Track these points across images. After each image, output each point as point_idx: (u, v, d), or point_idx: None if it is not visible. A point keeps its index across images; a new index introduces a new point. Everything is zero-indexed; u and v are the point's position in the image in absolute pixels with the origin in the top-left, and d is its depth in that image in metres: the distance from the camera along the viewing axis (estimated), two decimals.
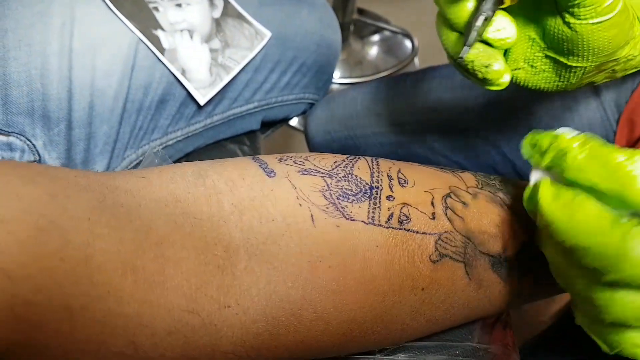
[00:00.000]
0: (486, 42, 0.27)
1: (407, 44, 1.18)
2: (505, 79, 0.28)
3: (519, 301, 0.29)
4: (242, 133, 0.56)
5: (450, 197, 0.26)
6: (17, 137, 0.42)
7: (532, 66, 0.30)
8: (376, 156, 0.60)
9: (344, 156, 0.27)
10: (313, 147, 0.68)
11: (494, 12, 0.25)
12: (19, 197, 0.18)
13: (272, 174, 0.23)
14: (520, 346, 0.51)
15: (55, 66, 0.43)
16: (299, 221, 0.22)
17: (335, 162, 0.26)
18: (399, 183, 0.25)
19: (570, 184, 0.21)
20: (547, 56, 0.29)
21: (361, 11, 1.23)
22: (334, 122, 0.62)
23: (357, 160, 0.26)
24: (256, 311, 0.21)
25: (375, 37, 1.20)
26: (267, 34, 0.51)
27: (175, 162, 0.52)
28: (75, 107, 0.43)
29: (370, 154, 0.61)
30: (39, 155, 0.43)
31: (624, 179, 0.19)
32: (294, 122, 0.99)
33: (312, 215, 0.23)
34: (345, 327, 0.23)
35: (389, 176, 0.25)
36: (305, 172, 0.24)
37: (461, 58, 0.26)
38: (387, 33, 1.21)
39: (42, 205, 0.18)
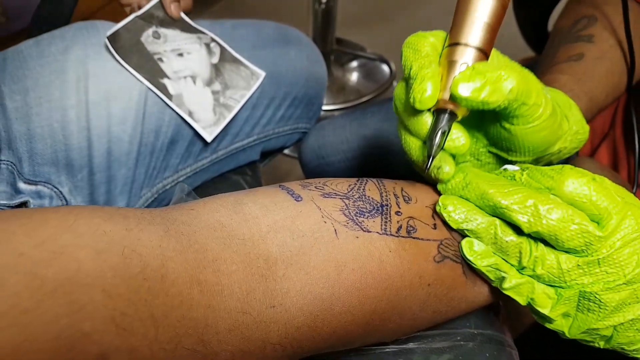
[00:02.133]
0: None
1: (385, 68, 1.25)
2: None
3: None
4: (244, 164, 0.61)
5: None
6: (44, 186, 0.46)
7: (477, 159, 0.34)
8: (369, 176, 0.65)
9: (354, 180, 0.31)
10: (307, 172, 0.73)
11: (450, 127, 0.29)
12: (105, 232, 0.22)
13: (299, 199, 0.28)
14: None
15: (74, 118, 0.47)
16: (325, 235, 0.27)
17: (350, 186, 0.30)
18: (404, 200, 0.30)
19: None
20: (489, 151, 0.33)
21: (339, 41, 1.30)
22: (326, 148, 0.67)
23: (366, 183, 0.31)
24: (296, 309, 0.25)
25: (354, 64, 1.26)
26: (262, 74, 0.57)
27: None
28: (95, 154, 0.47)
29: (363, 175, 0.66)
30: (65, 200, 0.46)
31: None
32: (287, 149, 1.04)
33: (335, 230, 0.27)
34: (368, 318, 0.27)
35: (395, 195, 0.30)
36: (327, 196, 0.29)
37: (427, 169, 0.30)
38: (364, 59, 1.28)
39: (123, 238, 0.22)
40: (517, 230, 0.28)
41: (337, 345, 0.28)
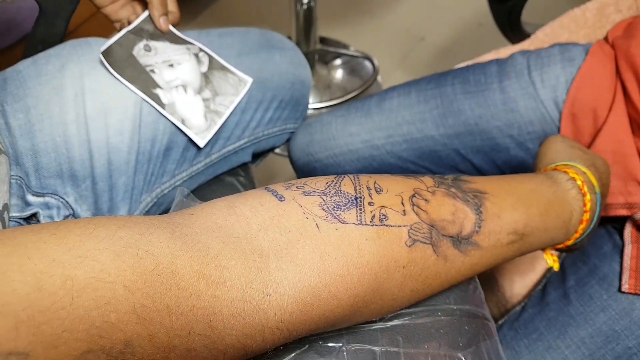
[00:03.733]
0: None
1: (368, 64, 1.28)
2: None
3: (479, 268, 0.38)
4: (236, 166, 0.64)
5: (415, 196, 0.34)
6: (51, 197, 0.49)
7: None
8: (355, 170, 0.68)
9: (332, 177, 0.35)
10: (297, 169, 0.76)
11: None
12: (121, 237, 0.26)
13: (282, 199, 0.32)
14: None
15: (74, 132, 0.50)
16: (308, 229, 0.30)
17: (327, 183, 0.34)
18: (376, 191, 0.34)
19: None
20: None
21: (323, 40, 1.33)
22: (314, 145, 0.70)
23: (342, 179, 0.35)
24: (289, 296, 0.29)
25: (338, 61, 1.30)
26: (249, 80, 0.60)
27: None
28: (96, 165, 0.50)
29: (350, 169, 0.70)
30: (72, 209, 0.49)
31: None
32: (278, 149, 1.07)
33: (317, 224, 0.31)
34: (352, 301, 0.31)
35: (367, 187, 0.34)
36: (307, 194, 0.32)
37: None
38: (348, 57, 1.32)
39: (136, 241, 0.26)
40: None
41: (327, 327, 0.32)
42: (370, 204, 0.32)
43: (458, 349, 0.35)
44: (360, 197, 0.33)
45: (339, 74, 1.29)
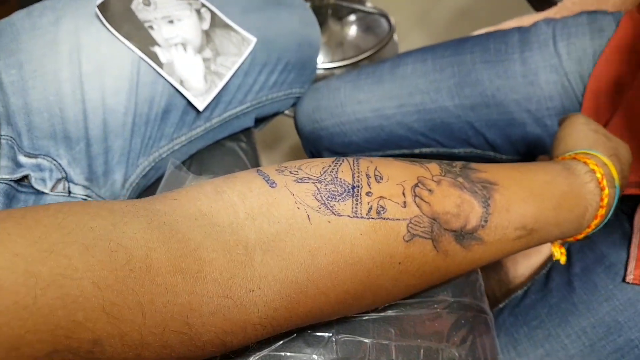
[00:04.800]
0: None
1: (384, 22, 1.22)
2: None
3: (482, 263, 0.36)
4: (238, 131, 0.62)
5: (419, 186, 0.32)
6: (44, 159, 0.47)
7: None
8: (363, 140, 0.66)
9: (330, 160, 0.32)
10: (303, 137, 0.73)
11: None
12: (92, 229, 0.24)
13: (273, 185, 0.29)
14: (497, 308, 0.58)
15: (69, 91, 0.47)
16: (298, 221, 0.28)
17: (323, 168, 0.31)
18: (376, 180, 0.31)
19: None
20: None
21: None
22: (320, 112, 0.67)
23: (341, 164, 0.32)
24: (273, 292, 0.27)
25: (353, 17, 1.23)
26: (253, 40, 0.56)
27: (182, 163, 0.57)
28: (91, 126, 0.48)
29: (356, 139, 0.67)
30: (65, 172, 0.48)
31: None
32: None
33: (308, 216, 0.28)
34: (342, 297, 0.29)
35: (367, 175, 0.31)
36: (300, 181, 0.30)
37: None
38: (363, 13, 1.25)
39: (109, 233, 0.24)
40: None
41: (314, 321, 0.30)
42: (368, 194, 0.30)
43: (452, 344, 0.34)
44: (358, 187, 0.30)
45: (352, 30, 1.23)
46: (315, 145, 0.71)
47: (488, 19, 0.79)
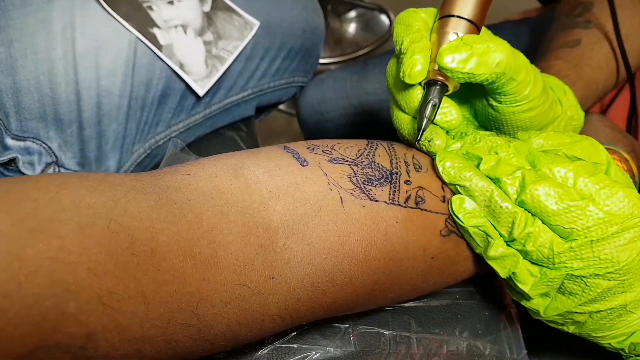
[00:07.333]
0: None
1: (384, 19, 1.21)
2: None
3: None
4: (238, 120, 0.59)
5: None
6: (33, 142, 0.44)
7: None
8: (369, 132, 0.63)
9: (364, 143, 0.30)
10: (306, 129, 0.71)
11: (440, 100, 0.28)
12: (89, 205, 0.20)
13: (305, 163, 0.27)
14: None
15: (61, 70, 0.45)
16: (330, 203, 0.26)
17: (359, 150, 0.29)
18: (415, 169, 0.29)
19: None
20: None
21: None
22: (325, 103, 0.65)
23: (376, 148, 0.30)
24: (296, 280, 0.24)
25: (352, 14, 1.22)
26: (256, 24, 0.54)
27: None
28: (84, 108, 0.46)
29: (363, 131, 0.64)
30: (55, 156, 0.45)
31: None
32: (282, 105, 1.01)
33: (341, 198, 0.26)
34: (370, 288, 0.27)
35: (405, 162, 0.29)
36: (334, 161, 0.27)
37: (418, 142, 0.29)
38: (362, 9, 1.24)
39: (109, 210, 0.21)
40: None
41: (336, 313, 0.28)
42: (406, 182, 0.28)
43: (477, 337, 0.31)
44: (397, 173, 0.28)
45: (351, 27, 1.21)
46: (318, 137, 0.69)
47: (491, 15, 0.78)
